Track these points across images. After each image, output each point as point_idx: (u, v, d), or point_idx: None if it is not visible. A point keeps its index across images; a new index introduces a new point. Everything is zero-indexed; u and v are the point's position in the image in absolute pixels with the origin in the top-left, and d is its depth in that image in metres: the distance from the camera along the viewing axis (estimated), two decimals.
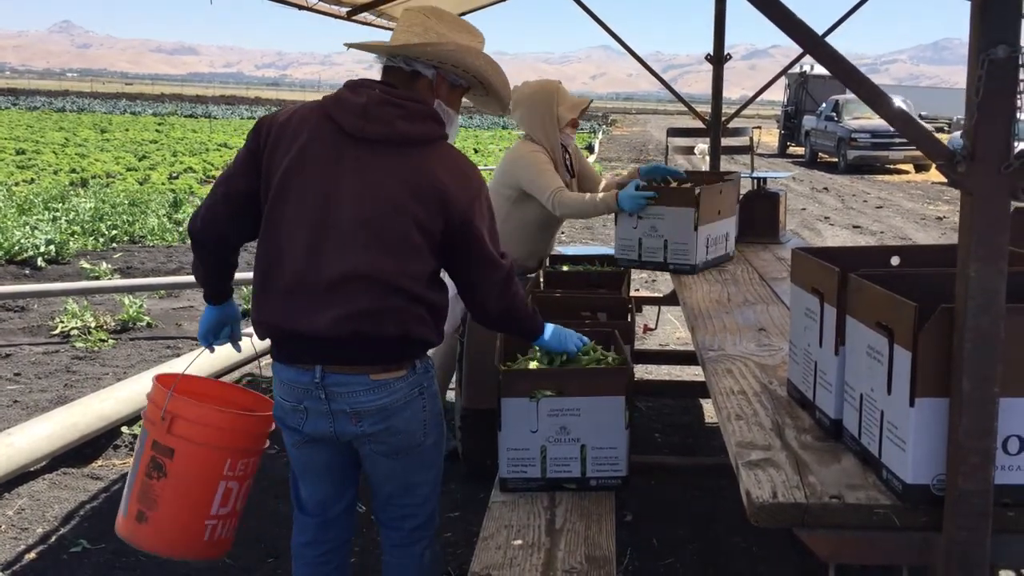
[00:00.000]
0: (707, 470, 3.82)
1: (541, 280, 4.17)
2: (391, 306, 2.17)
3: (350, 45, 2.38)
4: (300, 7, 3.80)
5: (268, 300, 2.25)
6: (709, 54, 5.52)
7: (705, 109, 5.66)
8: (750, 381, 2.42)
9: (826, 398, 2.02)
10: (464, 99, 2.44)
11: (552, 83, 4.05)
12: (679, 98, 5.85)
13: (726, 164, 17.70)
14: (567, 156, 4.11)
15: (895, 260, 2.23)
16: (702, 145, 5.77)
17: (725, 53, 5.52)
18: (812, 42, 1.51)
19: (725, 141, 5.69)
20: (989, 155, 1.47)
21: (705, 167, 5.68)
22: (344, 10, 4.37)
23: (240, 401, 2.70)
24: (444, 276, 2.34)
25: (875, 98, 1.49)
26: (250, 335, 2.60)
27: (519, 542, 2.39)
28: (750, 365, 2.57)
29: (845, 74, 1.48)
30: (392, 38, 2.34)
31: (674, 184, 4.02)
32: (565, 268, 4.49)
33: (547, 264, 4.48)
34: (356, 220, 2.15)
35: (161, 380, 2.50)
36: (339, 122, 2.18)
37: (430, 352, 2.36)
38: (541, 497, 2.63)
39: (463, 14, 5.91)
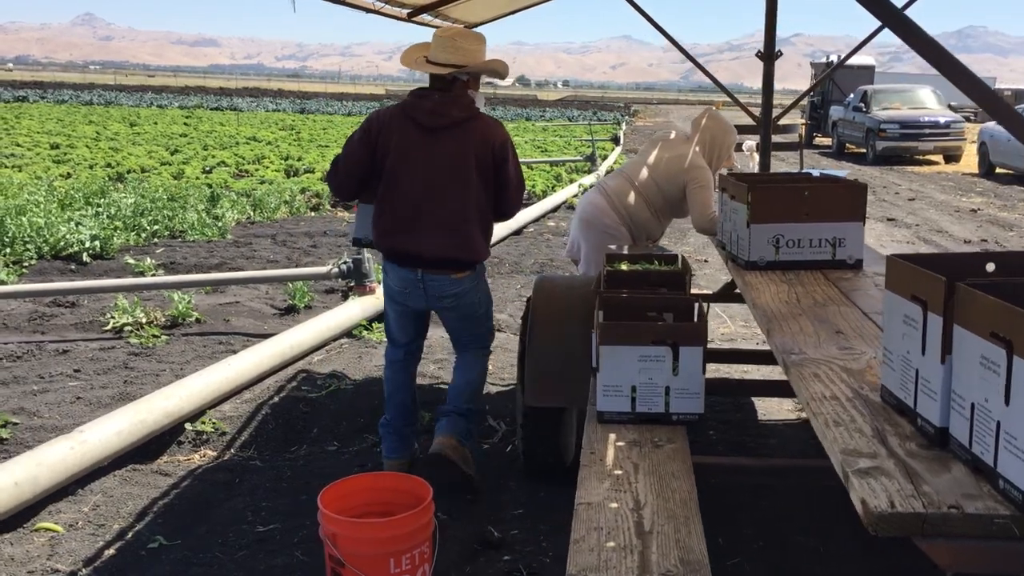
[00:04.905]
0: (779, 471, 3.83)
1: (604, 280, 4.19)
2: (464, 234, 3.77)
3: (436, 66, 3.76)
4: (368, 10, 3.85)
5: (393, 230, 3.78)
6: (759, 51, 5.52)
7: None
8: (840, 386, 2.43)
9: (930, 406, 2.04)
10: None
11: (735, 130, 5.03)
12: (733, 99, 5.84)
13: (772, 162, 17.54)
14: None
15: (990, 267, 2.24)
16: (750, 142, 5.77)
17: (777, 49, 5.52)
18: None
19: (774, 138, 5.70)
20: None
21: (754, 165, 5.68)
22: (405, 11, 4.42)
23: (399, 490, 3.05)
24: None
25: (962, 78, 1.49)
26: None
27: (611, 544, 2.42)
28: (836, 369, 2.57)
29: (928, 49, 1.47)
30: (434, 53, 3.75)
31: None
32: (624, 267, 4.51)
33: (605, 263, 4.51)
34: (447, 172, 3.73)
35: (323, 498, 2.87)
36: (418, 120, 3.74)
37: None
38: (626, 499, 2.66)
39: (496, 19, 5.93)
